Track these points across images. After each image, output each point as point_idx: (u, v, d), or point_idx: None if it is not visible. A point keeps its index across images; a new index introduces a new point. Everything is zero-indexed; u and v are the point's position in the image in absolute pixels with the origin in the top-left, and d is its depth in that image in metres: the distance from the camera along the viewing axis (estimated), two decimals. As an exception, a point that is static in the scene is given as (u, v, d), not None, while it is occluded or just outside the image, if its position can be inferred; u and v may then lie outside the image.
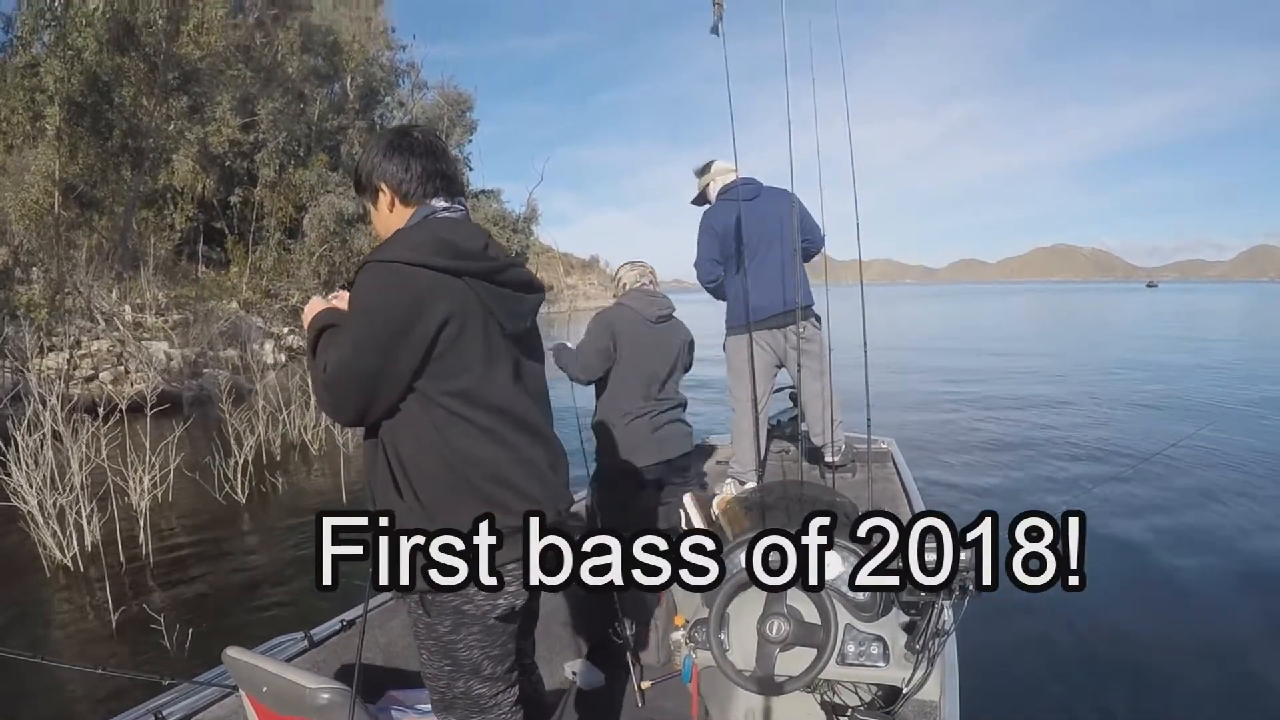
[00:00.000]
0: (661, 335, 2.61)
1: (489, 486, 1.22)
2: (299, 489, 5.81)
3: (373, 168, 1.29)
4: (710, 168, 3.26)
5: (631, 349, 2.53)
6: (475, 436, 1.22)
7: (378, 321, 1.15)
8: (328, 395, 1.20)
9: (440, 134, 10.42)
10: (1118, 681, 2.77)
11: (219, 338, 12.11)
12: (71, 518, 4.10)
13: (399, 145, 1.28)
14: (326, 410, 1.24)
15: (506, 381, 1.26)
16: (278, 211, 18.20)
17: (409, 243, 1.20)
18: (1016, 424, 7.82)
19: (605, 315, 2.61)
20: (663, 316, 2.63)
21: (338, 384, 1.17)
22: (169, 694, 1.50)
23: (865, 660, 1.50)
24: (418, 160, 1.27)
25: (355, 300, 1.19)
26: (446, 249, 1.20)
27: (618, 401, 2.54)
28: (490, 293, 1.23)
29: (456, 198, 1.31)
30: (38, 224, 12.22)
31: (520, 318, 1.30)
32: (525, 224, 25.82)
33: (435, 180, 1.28)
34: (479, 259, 1.23)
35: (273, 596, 3.77)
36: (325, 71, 20.76)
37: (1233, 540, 4.31)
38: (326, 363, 1.18)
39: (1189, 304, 44.50)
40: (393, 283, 1.16)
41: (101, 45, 12.56)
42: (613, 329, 2.54)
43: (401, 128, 1.33)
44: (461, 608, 1.23)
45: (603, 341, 2.53)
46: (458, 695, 1.31)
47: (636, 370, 2.54)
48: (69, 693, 2.85)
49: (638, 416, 2.52)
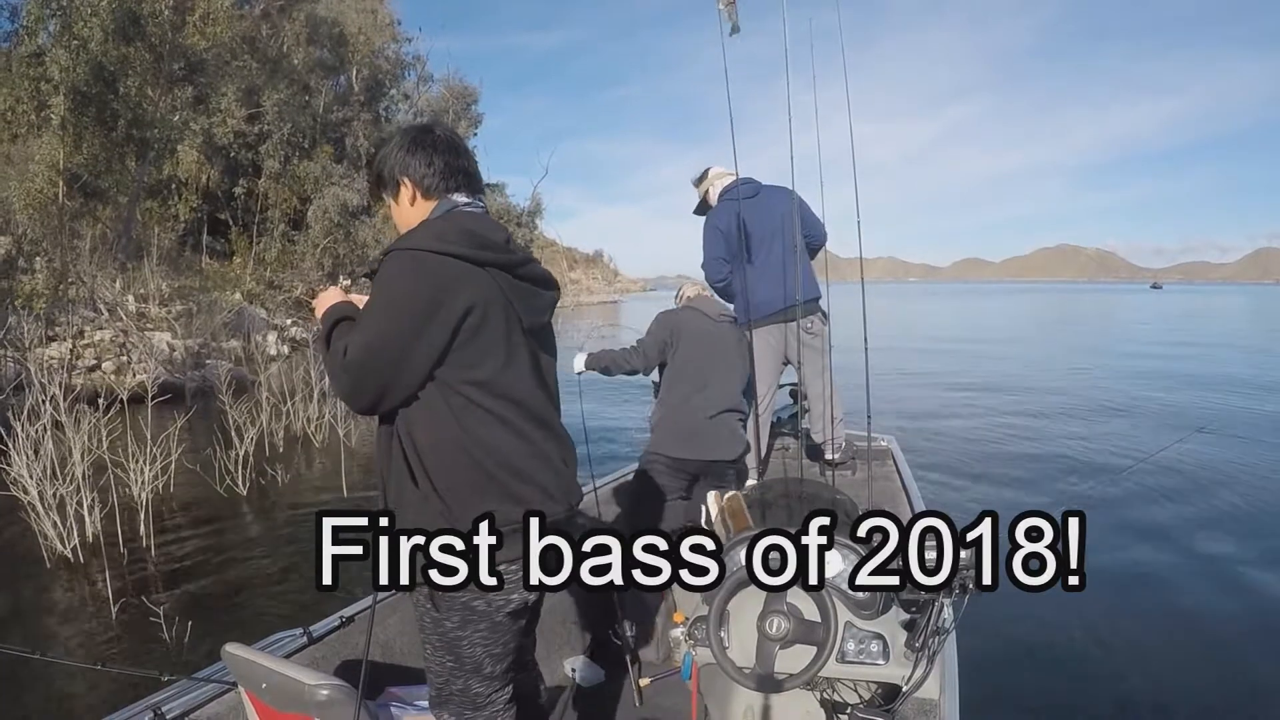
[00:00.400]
0: (721, 336, 2.70)
1: (505, 476, 1.23)
2: (301, 481, 5.81)
3: (395, 162, 1.30)
4: (706, 175, 3.26)
5: (690, 346, 2.63)
6: (493, 426, 1.22)
7: (403, 307, 1.16)
8: (347, 378, 1.18)
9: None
10: (1118, 681, 2.77)
11: (222, 329, 12.13)
12: (72, 508, 4.10)
13: (422, 141, 1.30)
14: (344, 395, 1.21)
15: (525, 374, 1.27)
16: (282, 203, 18.21)
17: (435, 231, 1.22)
18: (1017, 424, 7.81)
19: (668, 314, 2.76)
20: (725, 315, 2.77)
21: (359, 368, 1.16)
22: (168, 690, 1.50)
23: (865, 658, 1.50)
24: (440, 156, 1.29)
25: (381, 287, 1.19)
26: (472, 239, 1.21)
27: (669, 394, 2.63)
28: (511, 285, 1.25)
29: (477, 194, 1.33)
30: (42, 214, 12.24)
31: (539, 312, 1.32)
32: (529, 218, 25.79)
33: (457, 176, 1.30)
34: (502, 251, 1.25)
35: (271, 591, 3.76)
36: (331, 63, 20.72)
37: (1233, 540, 4.30)
38: (347, 346, 1.17)
39: (1195, 306, 44.19)
40: (419, 270, 1.17)
41: (107, 35, 12.55)
42: (673, 324, 2.68)
43: (423, 124, 1.35)
44: (471, 603, 1.23)
45: (663, 334, 2.66)
46: (455, 692, 1.31)
47: (690, 366, 2.62)
48: (68, 689, 2.85)
49: (685, 410, 2.57)
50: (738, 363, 2.70)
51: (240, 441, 5.53)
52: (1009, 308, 44.18)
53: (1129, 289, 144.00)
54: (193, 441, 6.27)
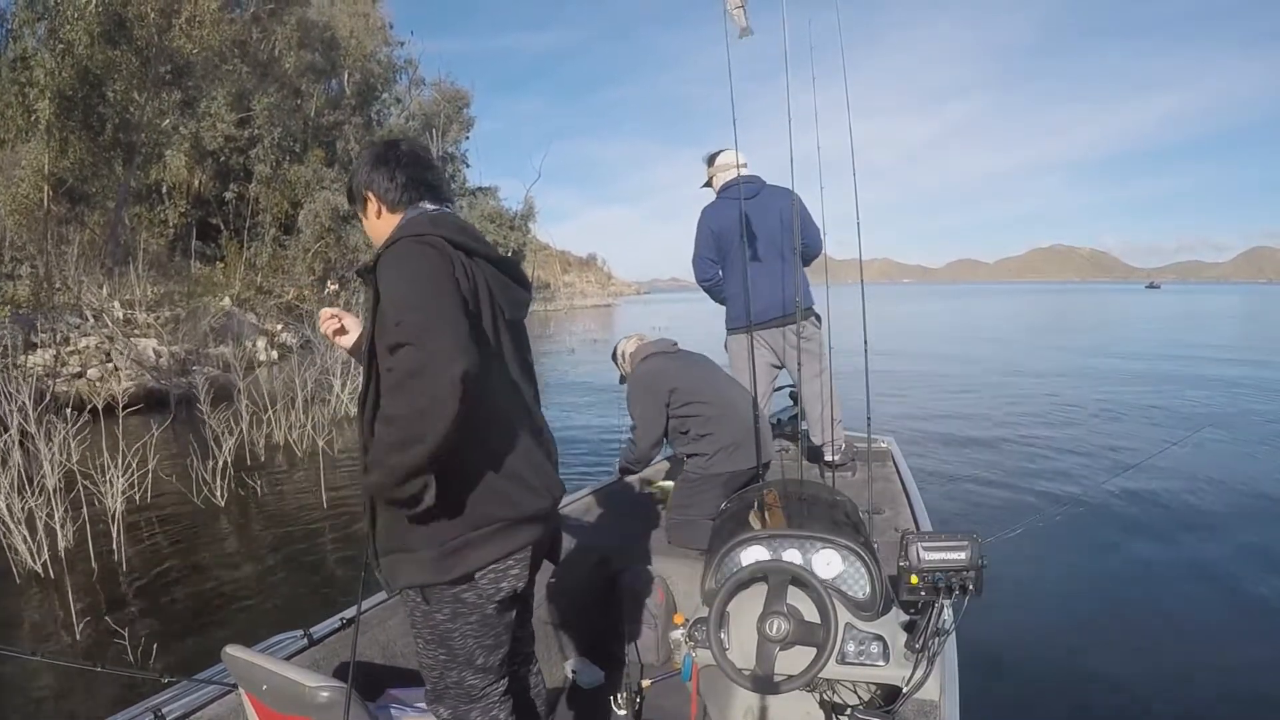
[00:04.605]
0: (695, 359, 2.69)
1: (489, 472, 1.24)
2: (281, 492, 5.65)
3: (362, 178, 1.36)
4: (716, 159, 3.25)
5: (689, 385, 2.55)
6: (478, 421, 1.21)
7: (422, 276, 1.13)
8: (417, 384, 1.05)
9: (438, 131, 10.39)
10: (1118, 681, 2.78)
11: (210, 334, 12.01)
12: (43, 521, 3.95)
13: (385, 157, 1.34)
14: (425, 406, 1.06)
15: (506, 367, 1.30)
16: (273, 207, 18.11)
17: (420, 224, 1.24)
18: (1017, 424, 7.83)
19: (643, 378, 2.60)
20: (670, 343, 2.73)
21: (425, 324, 1.07)
22: (168, 692, 1.49)
23: (865, 659, 1.50)
24: (403, 170, 1.33)
25: (389, 279, 1.14)
26: (460, 230, 1.26)
27: (707, 427, 2.53)
28: (495, 277, 1.29)
29: (444, 203, 1.37)
30: (28, 219, 12.11)
31: (518, 306, 1.34)
32: (522, 221, 25.78)
33: (420, 188, 1.34)
34: (485, 244, 1.30)
35: (244, 607, 3.62)
36: (322, 67, 20.66)
37: (1234, 540, 4.31)
38: (392, 364, 1.09)
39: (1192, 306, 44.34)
40: (424, 250, 1.17)
41: (93, 38, 12.46)
42: (657, 382, 2.55)
43: (389, 140, 1.40)
44: (461, 595, 1.25)
45: (659, 397, 2.54)
46: (450, 685, 1.33)
47: (705, 394, 2.54)
48: (67, 691, 2.81)
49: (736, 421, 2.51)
50: (725, 372, 2.74)
51: (219, 451, 5.38)
52: (1006, 309, 44.41)
53: (1124, 289, 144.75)
54: (177, 450, 6.14)
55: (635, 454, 2.68)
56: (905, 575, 1.41)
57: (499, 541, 1.24)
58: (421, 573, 1.22)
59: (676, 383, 2.54)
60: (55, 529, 4.03)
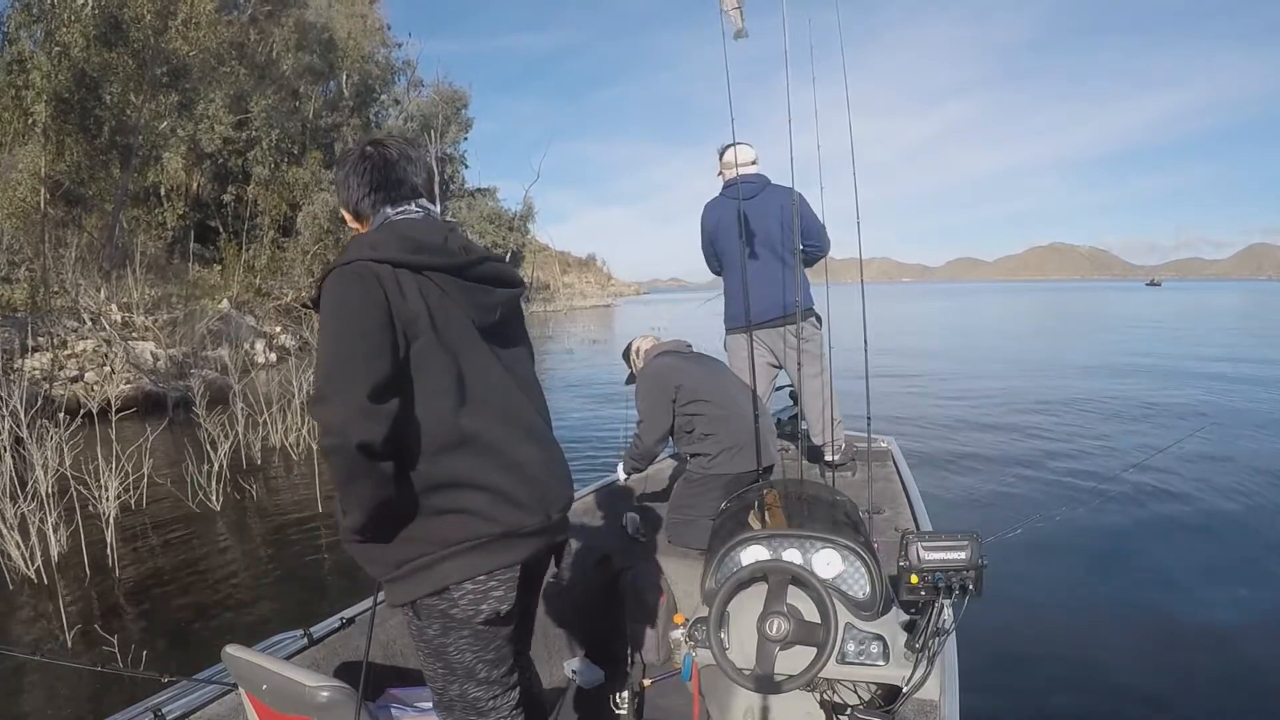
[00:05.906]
0: (702, 360, 2.70)
1: (463, 488, 1.19)
2: (276, 495, 5.61)
3: (338, 191, 1.35)
4: (724, 155, 3.23)
5: (693, 384, 2.55)
6: (449, 444, 1.18)
7: (342, 316, 1.12)
8: (334, 457, 1.07)
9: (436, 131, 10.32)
10: (1119, 681, 2.78)
11: (208, 337, 11.99)
12: (35, 526, 3.92)
13: (351, 167, 1.32)
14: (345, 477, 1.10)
15: (485, 377, 1.24)
16: (272, 209, 18.10)
17: (368, 242, 1.21)
18: (1017, 423, 7.83)
19: (652, 375, 2.61)
20: (683, 343, 2.75)
21: (330, 385, 1.08)
22: (168, 691, 1.48)
23: (865, 659, 1.50)
24: (366, 176, 1.30)
25: (321, 315, 1.15)
26: (405, 244, 1.21)
27: (710, 427, 2.54)
28: (458, 286, 1.23)
29: (414, 200, 1.32)
30: (24, 222, 12.08)
31: (488, 310, 1.28)
32: (522, 222, 25.78)
33: (387, 189, 1.30)
34: (440, 253, 1.23)
35: (238, 612, 3.61)
36: (320, 69, 20.65)
37: (1235, 541, 4.32)
38: (316, 419, 1.10)
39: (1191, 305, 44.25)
40: (345, 285, 1.14)
41: (89, 41, 12.44)
42: (664, 379, 2.57)
43: (356, 148, 1.36)
44: (448, 611, 1.22)
45: (667, 393, 2.55)
46: (454, 697, 1.30)
47: (710, 394, 2.56)
48: (67, 691, 2.81)
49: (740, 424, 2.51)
50: (735, 375, 2.75)
51: (215, 454, 5.34)
52: (1006, 307, 44.39)
53: (1124, 286, 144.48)
54: (174, 453, 6.10)
55: (639, 449, 2.67)
56: (905, 575, 1.41)
57: (472, 558, 1.19)
58: (394, 591, 1.22)
59: (684, 380, 2.55)
60: (48, 534, 4.01)
